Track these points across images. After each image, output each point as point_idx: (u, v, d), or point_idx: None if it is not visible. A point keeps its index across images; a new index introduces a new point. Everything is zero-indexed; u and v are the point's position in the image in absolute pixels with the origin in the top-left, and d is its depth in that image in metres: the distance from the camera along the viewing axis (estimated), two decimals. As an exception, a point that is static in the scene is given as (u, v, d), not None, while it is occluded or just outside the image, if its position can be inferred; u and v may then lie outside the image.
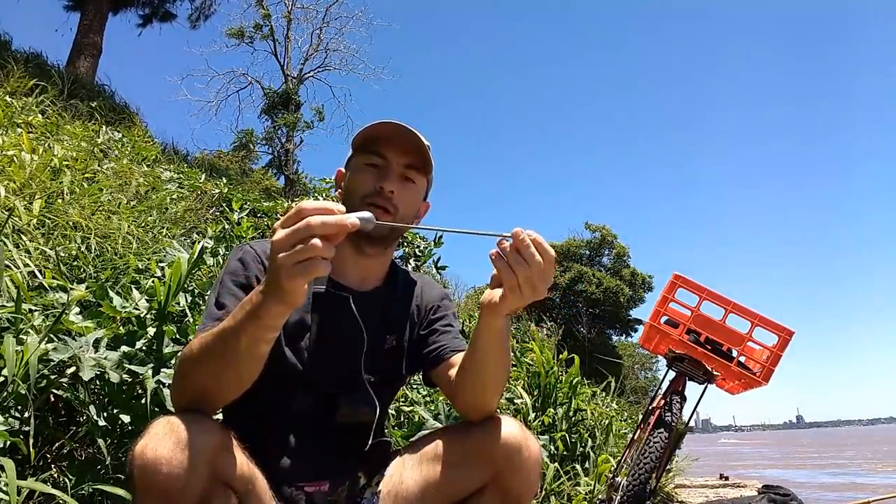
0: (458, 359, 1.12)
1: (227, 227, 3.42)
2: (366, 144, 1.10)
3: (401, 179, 1.10)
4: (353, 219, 0.72)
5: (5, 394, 1.15)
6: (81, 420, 1.39)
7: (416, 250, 4.86)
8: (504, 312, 0.88)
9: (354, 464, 1.08)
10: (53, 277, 1.65)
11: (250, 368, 0.83)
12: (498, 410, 1.07)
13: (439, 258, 4.94)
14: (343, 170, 1.19)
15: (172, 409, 0.91)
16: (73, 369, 1.31)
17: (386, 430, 1.26)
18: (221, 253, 2.62)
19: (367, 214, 0.75)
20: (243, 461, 0.85)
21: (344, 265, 1.13)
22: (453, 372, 1.10)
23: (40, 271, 1.65)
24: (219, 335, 0.81)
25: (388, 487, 1.05)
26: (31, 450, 1.16)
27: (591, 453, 3.07)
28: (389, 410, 2.24)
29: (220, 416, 1.15)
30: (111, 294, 1.51)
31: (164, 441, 0.74)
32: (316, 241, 0.70)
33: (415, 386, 2.49)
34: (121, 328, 1.49)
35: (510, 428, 1.00)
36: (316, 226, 0.70)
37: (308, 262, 0.70)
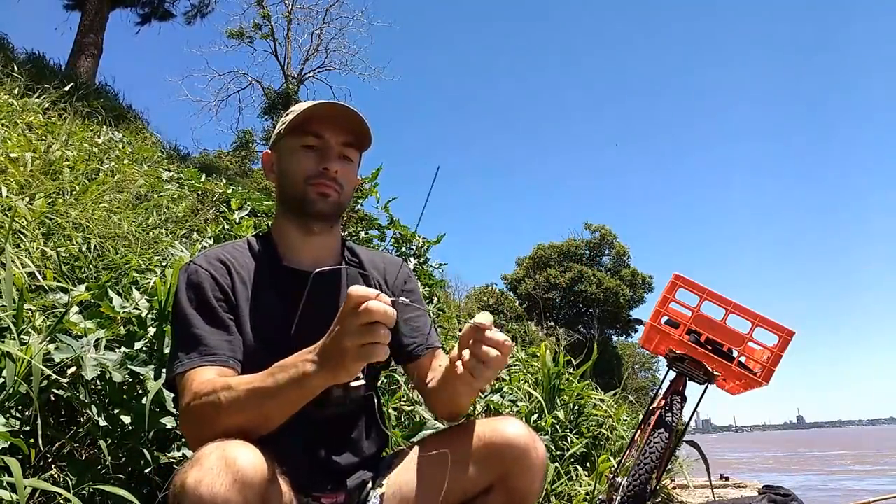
0: (429, 359, 1.15)
1: (226, 227, 3.42)
2: (300, 125, 1.09)
3: (340, 158, 1.10)
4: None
5: (5, 394, 1.15)
6: (82, 420, 1.39)
7: (415, 249, 4.84)
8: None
9: (364, 467, 1.08)
10: (54, 278, 1.65)
11: (280, 420, 0.87)
12: (505, 412, 1.08)
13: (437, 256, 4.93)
14: (270, 152, 1.17)
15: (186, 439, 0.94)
16: (73, 369, 1.31)
17: (386, 430, 1.25)
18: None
19: (403, 300, 0.87)
20: (285, 489, 0.86)
21: (294, 249, 1.13)
22: (426, 373, 1.12)
23: (41, 272, 1.65)
24: (255, 394, 0.84)
25: (392, 488, 1.05)
26: (33, 450, 1.16)
27: (592, 453, 3.07)
28: (391, 411, 2.24)
29: None
30: (111, 294, 1.51)
31: (220, 478, 0.73)
32: (381, 329, 0.76)
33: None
34: (121, 329, 1.49)
35: (518, 429, 1.00)
36: (379, 313, 0.75)
37: (371, 346, 0.76)
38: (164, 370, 1.37)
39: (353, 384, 1.00)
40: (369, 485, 1.08)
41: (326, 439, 1.06)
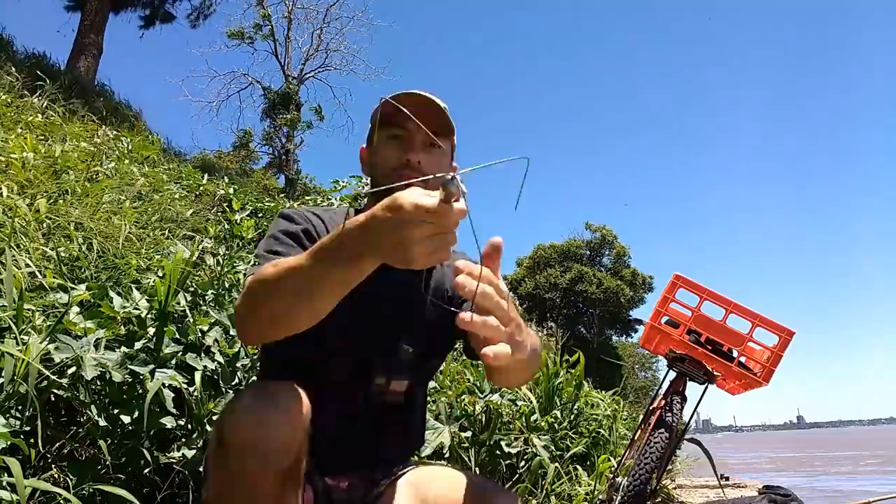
0: None
1: (227, 226, 3.42)
2: (386, 118, 1.07)
3: (425, 147, 1.07)
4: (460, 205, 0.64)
5: (5, 394, 1.15)
6: (82, 420, 1.39)
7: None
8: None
9: (381, 466, 1.08)
10: (54, 278, 1.65)
11: (328, 305, 0.78)
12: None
13: None
14: (365, 146, 1.17)
15: (239, 336, 0.92)
16: (73, 369, 1.31)
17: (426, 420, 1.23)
18: (222, 253, 2.62)
19: (448, 178, 0.64)
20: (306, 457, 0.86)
21: None
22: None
23: (41, 272, 1.65)
24: (300, 272, 0.75)
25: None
26: (33, 450, 1.16)
27: (593, 453, 3.07)
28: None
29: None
30: (111, 294, 1.51)
31: (268, 407, 0.77)
32: (453, 235, 0.65)
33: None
34: (121, 328, 1.49)
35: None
36: (457, 216, 0.63)
37: (443, 251, 0.66)
38: (163, 370, 1.38)
39: (393, 387, 1.03)
40: (375, 489, 1.07)
41: (355, 429, 1.06)
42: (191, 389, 1.48)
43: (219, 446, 0.78)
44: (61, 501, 1.14)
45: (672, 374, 2.75)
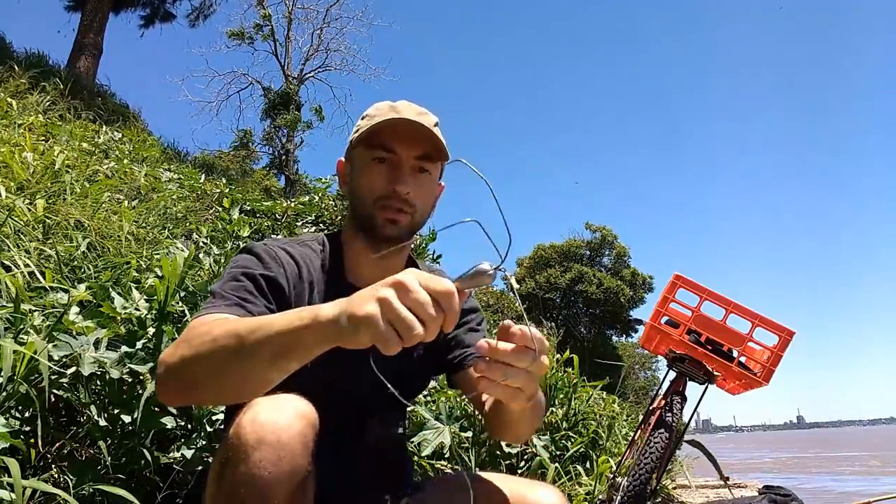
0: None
1: (221, 226, 3.42)
2: (371, 137, 1.00)
3: (414, 173, 1.01)
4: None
5: (5, 394, 1.15)
6: (82, 420, 1.39)
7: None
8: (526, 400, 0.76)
9: (380, 486, 1.04)
10: (54, 278, 1.65)
11: (266, 381, 0.71)
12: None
13: (433, 251, 4.93)
14: (344, 160, 1.09)
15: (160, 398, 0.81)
16: (73, 369, 1.31)
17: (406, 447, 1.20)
18: (216, 252, 2.62)
19: (483, 267, 0.64)
20: None
21: (360, 266, 1.06)
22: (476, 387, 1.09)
23: (40, 271, 1.65)
24: (247, 330, 0.70)
25: None
26: (32, 450, 1.16)
27: (592, 453, 3.07)
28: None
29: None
30: (112, 294, 1.51)
31: (280, 409, 0.71)
32: (428, 321, 0.61)
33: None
34: (121, 328, 1.49)
35: (552, 498, 0.96)
36: (440, 294, 0.62)
37: (406, 334, 0.60)
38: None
39: (392, 440, 1.01)
40: None
41: (350, 460, 1.02)
42: (190, 389, 1.48)
43: (224, 463, 0.69)
44: (61, 502, 1.14)
45: (672, 374, 2.75)
